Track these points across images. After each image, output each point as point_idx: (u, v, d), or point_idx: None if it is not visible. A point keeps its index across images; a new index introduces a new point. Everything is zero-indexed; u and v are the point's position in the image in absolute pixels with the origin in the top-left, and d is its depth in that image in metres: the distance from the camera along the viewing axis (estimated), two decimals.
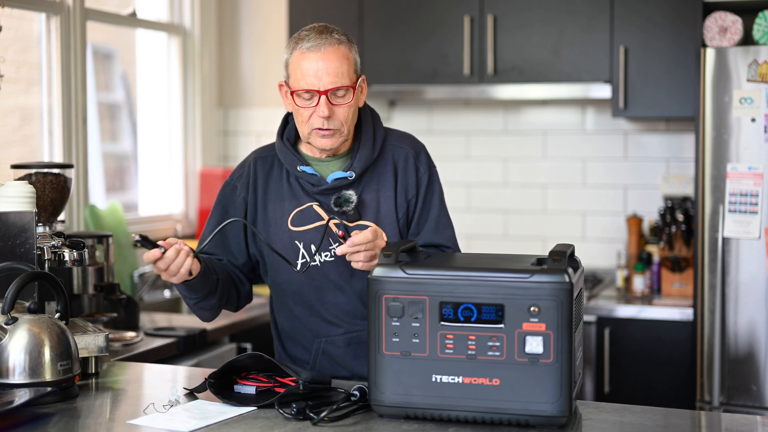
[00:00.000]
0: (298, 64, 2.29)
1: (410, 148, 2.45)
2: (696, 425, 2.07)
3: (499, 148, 4.53)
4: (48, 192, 2.73)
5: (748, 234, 3.49)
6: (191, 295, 2.32)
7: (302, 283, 2.38)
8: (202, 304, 2.35)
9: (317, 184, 2.36)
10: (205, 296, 2.33)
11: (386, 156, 2.42)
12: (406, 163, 2.42)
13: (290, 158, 2.38)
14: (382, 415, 1.99)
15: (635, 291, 4.02)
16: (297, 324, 2.43)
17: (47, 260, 2.47)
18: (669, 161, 4.31)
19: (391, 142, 2.44)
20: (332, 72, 2.27)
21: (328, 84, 2.26)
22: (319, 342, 2.40)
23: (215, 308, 2.40)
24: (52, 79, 3.70)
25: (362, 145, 2.38)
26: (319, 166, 2.39)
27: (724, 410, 3.49)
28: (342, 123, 2.31)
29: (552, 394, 1.89)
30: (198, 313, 2.42)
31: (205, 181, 4.54)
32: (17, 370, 2.12)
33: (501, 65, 4.14)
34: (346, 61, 2.30)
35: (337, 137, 2.32)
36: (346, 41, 2.32)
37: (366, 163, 2.37)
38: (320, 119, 2.28)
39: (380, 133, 2.42)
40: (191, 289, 2.29)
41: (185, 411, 2.05)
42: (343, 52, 2.29)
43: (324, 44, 2.28)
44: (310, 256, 2.35)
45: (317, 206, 2.36)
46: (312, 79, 2.26)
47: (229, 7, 4.77)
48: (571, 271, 1.92)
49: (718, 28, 3.63)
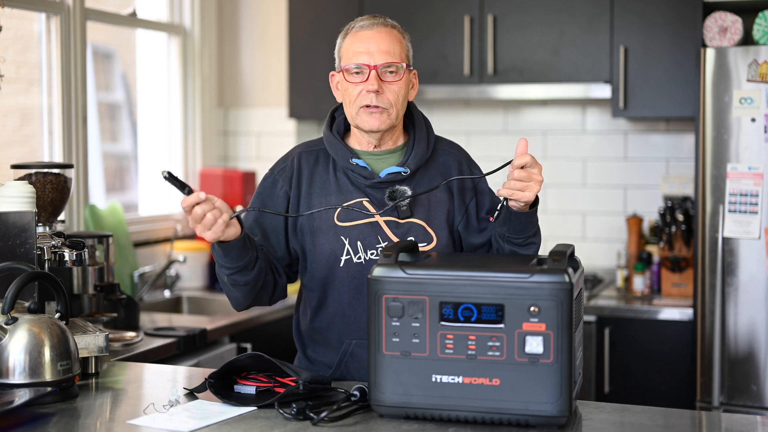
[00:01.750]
0: (351, 44, 2.31)
1: (462, 155, 2.46)
2: (696, 425, 2.07)
3: (499, 148, 4.53)
4: (48, 192, 2.73)
5: (748, 234, 3.49)
6: (227, 263, 2.19)
7: (342, 281, 2.33)
8: (237, 277, 2.22)
9: (369, 177, 2.33)
10: (242, 268, 2.21)
11: (438, 159, 2.40)
12: (460, 167, 2.41)
13: (342, 150, 2.35)
14: (382, 415, 1.99)
15: (635, 291, 4.02)
16: (327, 324, 2.37)
17: (47, 260, 2.47)
18: (669, 161, 4.31)
19: (443, 147, 2.44)
20: (384, 49, 2.28)
21: (380, 59, 2.27)
22: (349, 344, 2.35)
23: (250, 287, 2.27)
24: (52, 79, 3.70)
25: (417, 142, 2.37)
26: (369, 160, 2.37)
27: (724, 410, 3.49)
28: (391, 103, 2.29)
29: (552, 394, 1.89)
30: (231, 291, 2.28)
31: (205, 181, 4.54)
32: (17, 370, 2.12)
33: (501, 65, 4.14)
34: (399, 44, 2.32)
35: (386, 117, 2.30)
36: (399, 29, 2.35)
37: (421, 160, 2.36)
38: (369, 95, 2.27)
39: (432, 135, 2.42)
40: (228, 254, 2.17)
41: (185, 411, 2.05)
42: (395, 36, 2.32)
43: (377, 24, 2.31)
44: (355, 252, 2.32)
45: (368, 202, 2.33)
46: (363, 55, 2.28)
47: (229, 7, 4.77)
48: (571, 271, 1.92)
49: (718, 28, 3.63)
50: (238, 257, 2.19)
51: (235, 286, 2.27)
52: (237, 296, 2.30)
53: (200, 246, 4.37)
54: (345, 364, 2.35)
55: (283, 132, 4.68)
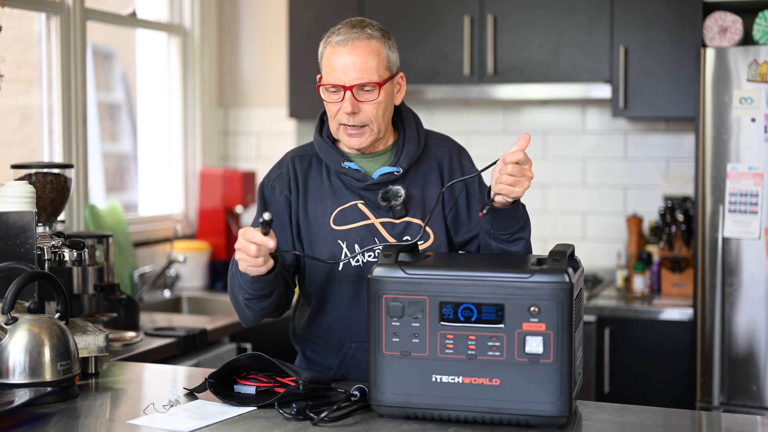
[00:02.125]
0: (329, 58, 2.27)
1: (453, 146, 2.44)
2: (696, 425, 2.07)
3: (499, 148, 4.53)
4: (48, 192, 2.73)
5: (748, 234, 3.49)
6: (249, 289, 2.16)
7: (341, 284, 2.32)
8: (254, 303, 2.21)
9: (362, 179, 2.32)
10: (263, 296, 2.19)
11: (430, 154, 2.39)
12: (450, 160, 2.40)
13: (333, 155, 2.34)
14: (382, 415, 1.99)
15: (635, 291, 4.02)
16: (327, 328, 2.36)
17: (47, 260, 2.46)
18: (669, 161, 4.31)
19: (434, 141, 2.42)
20: (358, 67, 2.23)
21: (354, 80, 2.23)
22: (349, 347, 2.34)
23: (265, 312, 2.26)
24: (52, 79, 3.70)
25: (407, 140, 2.36)
26: (361, 162, 2.36)
27: (724, 410, 3.49)
28: (371, 120, 2.27)
29: (552, 394, 1.89)
30: (243, 311, 2.26)
31: (205, 181, 4.54)
32: (17, 370, 2.12)
33: (501, 65, 4.14)
34: (376, 57, 2.25)
35: (367, 136, 2.28)
36: (379, 36, 2.28)
37: (412, 158, 2.35)
38: (345, 115, 2.25)
39: (422, 130, 2.41)
40: (255, 281, 2.13)
41: (185, 411, 2.05)
42: (373, 48, 2.26)
43: (354, 39, 2.25)
44: (352, 255, 2.31)
45: (362, 205, 2.32)
46: (339, 73, 2.24)
47: (229, 7, 4.77)
48: (571, 271, 1.92)
49: (718, 28, 3.63)
50: (264, 288, 2.17)
51: (249, 308, 2.25)
52: (248, 315, 2.29)
53: (200, 246, 4.38)
54: (346, 366, 2.35)
55: (283, 132, 4.68)
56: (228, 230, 4.48)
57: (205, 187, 4.53)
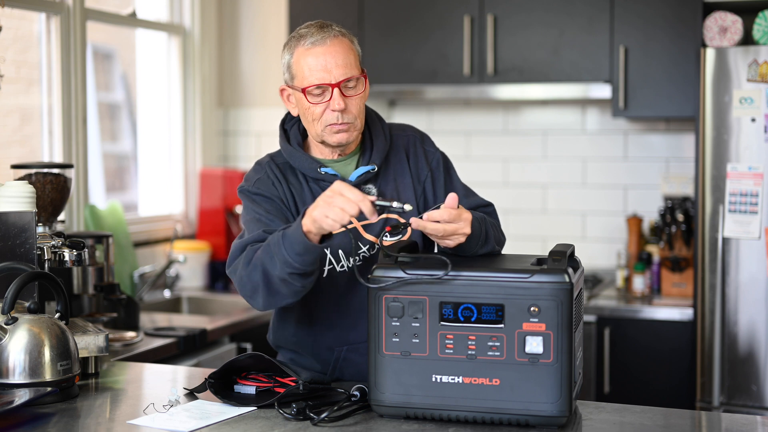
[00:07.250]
0: (304, 61, 2.24)
1: (414, 133, 2.45)
2: (696, 425, 2.07)
3: (499, 148, 4.53)
4: (48, 192, 2.73)
5: (748, 234, 3.49)
6: (298, 263, 2.03)
7: (327, 292, 2.29)
8: (295, 279, 2.07)
9: None
10: (306, 273, 2.08)
11: (395, 145, 2.40)
12: (415, 147, 2.40)
13: (308, 162, 2.32)
14: (382, 415, 1.99)
15: (635, 291, 4.02)
16: (314, 336, 2.32)
17: (47, 260, 2.46)
18: (669, 161, 4.31)
19: (396, 132, 2.43)
20: (341, 64, 2.23)
21: (340, 76, 2.22)
22: (340, 350, 2.31)
23: (303, 289, 2.11)
24: (52, 79, 3.70)
25: (375, 136, 2.36)
26: (335, 167, 2.35)
27: (724, 410, 3.49)
28: (355, 116, 2.27)
29: (552, 394, 1.89)
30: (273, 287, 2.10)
31: (205, 181, 4.54)
32: (17, 370, 2.12)
33: (501, 65, 4.14)
34: (352, 52, 2.27)
35: (352, 131, 2.28)
36: (347, 34, 2.30)
37: (383, 153, 2.35)
38: (334, 114, 2.23)
39: (385, 125, 2.41)
40: (308, 252, 2.03)
41: (185, 411, 2.05)
42: (347, 45, 2.27)
43: (328, 37, 2.25)
44: (337, 261, 2.28)
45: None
46: (321, 73, 2.22)
47: (229, 7, 4.77)
48: (571, 271, 1.92)
49: (718, 28, 3.63)
50: (312, 262, 2.06)
51: (286, 283, 2.09)
52: (280, 292, 2.11)
53: (200, 246, 4.38)
54: (339, 369, 2.32)
55: None
56: (228, 230, 4.48)
57: (205, 187, 4.53)
